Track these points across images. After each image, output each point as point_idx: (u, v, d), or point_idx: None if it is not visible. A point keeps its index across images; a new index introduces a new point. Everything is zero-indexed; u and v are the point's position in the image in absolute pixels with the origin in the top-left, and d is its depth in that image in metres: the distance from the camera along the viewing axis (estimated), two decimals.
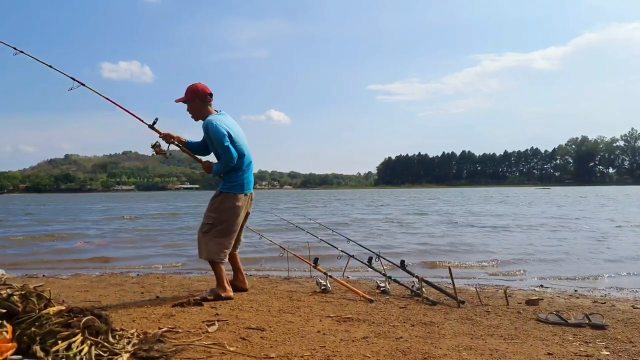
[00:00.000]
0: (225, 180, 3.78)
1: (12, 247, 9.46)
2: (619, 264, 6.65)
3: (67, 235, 11.70)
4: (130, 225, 15.25)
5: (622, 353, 2.44)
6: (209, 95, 3.79)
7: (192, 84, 3.80)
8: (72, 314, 2.17)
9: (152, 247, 9.25)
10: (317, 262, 4.40)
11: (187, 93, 3.78)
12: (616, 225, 12.43)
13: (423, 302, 3.70)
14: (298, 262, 4.90)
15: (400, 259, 4.47)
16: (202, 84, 3.80)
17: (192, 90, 3.77)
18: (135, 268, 6.52)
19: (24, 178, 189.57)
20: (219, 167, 3.74)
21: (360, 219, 16.14)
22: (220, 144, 3.61)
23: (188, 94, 3.77)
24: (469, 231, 11.46)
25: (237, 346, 2.42)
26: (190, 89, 3.78)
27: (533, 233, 10.86)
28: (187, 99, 3.78)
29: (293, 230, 9.19)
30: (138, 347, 2.17)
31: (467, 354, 2.37)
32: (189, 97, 3.77)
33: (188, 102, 3.79)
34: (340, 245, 4.95)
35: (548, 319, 3.13)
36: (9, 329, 1.99)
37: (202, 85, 3.79)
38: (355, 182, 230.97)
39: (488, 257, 7.27)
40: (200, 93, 3.76)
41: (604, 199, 31.70)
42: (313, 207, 28.51)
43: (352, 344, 2.50)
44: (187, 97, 3.77)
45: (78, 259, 7.69)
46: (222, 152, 3.64)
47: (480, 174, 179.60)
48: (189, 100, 3.77)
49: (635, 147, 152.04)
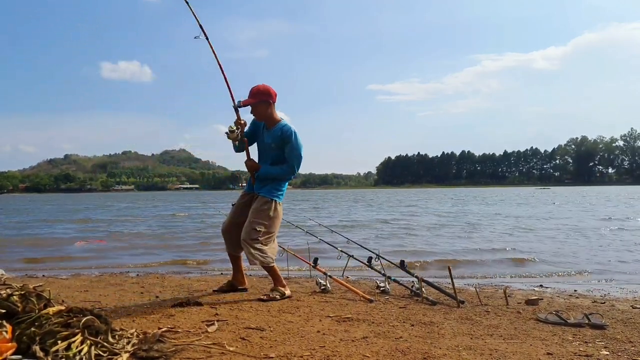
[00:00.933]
0: (274, 189, 3.81)
1: (15, 247, 9.47)
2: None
3: (68, 236, 11.70)
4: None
5: (621, 353, 2.44)
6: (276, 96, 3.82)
7: (260, 85, 3.76)
8: (72, 314, 2.17)
9: (152, 247, 9.25)
10: (317, 262, 4.40)
11: (258, 94, 3.72)
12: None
13: (423, 302, 3.70)
14: (298, 261, 4.90)
15: (400, 259, 4.47)
16: (268, 86, 3.79)
17: (264, 91, 3.73)
18: (134, 268, 6.52)
19: (24, 178, 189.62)
20: (281, 173, 3.81)
21: (433, 226, 13.49)
22: (299, 155, 3.76)
23: (259, 95, 3.72)
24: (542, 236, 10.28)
25: (236, 346, 2.41)
26: (262, 90, 3.73)
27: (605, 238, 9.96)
28: (258, 100, 3.72)
29: (293, 230, 9.19)
30: (138, 347, 2.17)
31: (467, 354, 2.37)
32: (262, 98, 3.72)
33: (259, 103, 3.73)
34: (340, 245, 4.95)
35: (548, 318, 3.13)
36: (9, 329, 1.99)
37: (270, 87, 3.79)
38: (355, 182, 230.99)
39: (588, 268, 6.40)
40: (272, 94, 3.75)
41: (630, 199, 30.68)
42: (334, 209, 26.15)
43: (351, 344, 2.50)
44: (260, 98, 3.72)
45: (78, 258, 7.70)
46: (297, 162, 3.76)
47: (480, 174, 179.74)
48: (261, 102, 3.72)
49: (635, 147, 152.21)
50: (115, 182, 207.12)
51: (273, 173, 3.81)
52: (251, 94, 3.76)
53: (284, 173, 3.81)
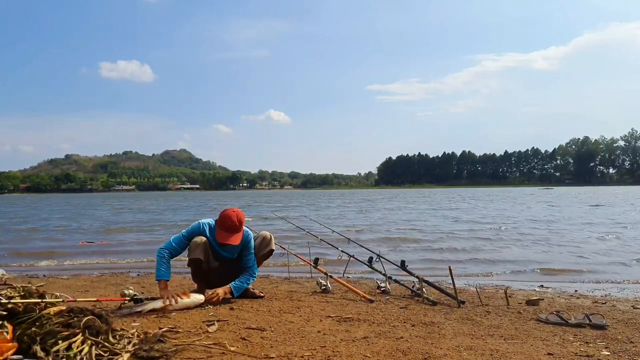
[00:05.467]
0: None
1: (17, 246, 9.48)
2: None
3: (69, 236, 11.70)
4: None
5: (622, 353, 2.44)
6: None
7: (241, 217, 3.54)
8: (73, 313, 2.17)
9: (153, 247, 9.24)
10: (318, 262, 4.40)
11: (242, 227, 3.58)
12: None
13: (423, 302, 3.70)
14: (299, 261, 4.89)
15: (401, 259, 4.47)
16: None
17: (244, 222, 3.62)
18: (135, 268, 6.52)
19: (25, 178, 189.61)
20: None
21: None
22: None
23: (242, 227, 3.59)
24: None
25: (237, 346, 2.41)
26: (243, 221, 3.59)
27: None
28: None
29: (293, 230, 9.18)
30: (138, 347, 2.17)
31: (468, 354, 2.37)
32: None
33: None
34: (340, 245, 4.95)
35: (548, 319, 3.12)
36: (10, 329, 1.99)
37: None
38: (356, 182, 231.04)
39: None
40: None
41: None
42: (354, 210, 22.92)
43: (352, 344, 2.50)
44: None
45: (78, 257, 7.70)
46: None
47: (481, 174, 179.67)
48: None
49: (636, 147, 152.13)
50: (116, 182, 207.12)
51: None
52: (239, 226, 3.53)
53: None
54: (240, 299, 3.73)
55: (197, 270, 3.62)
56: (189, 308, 3.29)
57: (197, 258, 3.50)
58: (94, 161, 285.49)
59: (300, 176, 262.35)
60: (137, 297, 3.31)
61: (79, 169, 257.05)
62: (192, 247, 3.52)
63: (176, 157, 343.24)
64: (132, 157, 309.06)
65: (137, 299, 3.30)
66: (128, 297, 3.33)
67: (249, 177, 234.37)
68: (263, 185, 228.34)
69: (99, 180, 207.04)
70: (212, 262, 3.64)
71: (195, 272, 3.68)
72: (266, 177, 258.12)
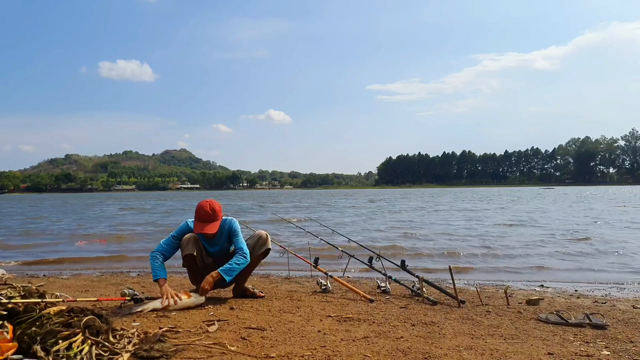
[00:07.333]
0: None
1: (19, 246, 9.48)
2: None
3: (70, 235, 11.70)
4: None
5: (622, 353, 2.44)
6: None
7: (214, 206, 3.53)
8: (73, 313, 2.17)
9: (153, 247, 9.24)
10: (318, 262, 4.40)
11: (217, 215, 3.53)
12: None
13: (423, 302, 3.70)
14: (299, 261, 4.90)
15: (401, 259, 4.47)
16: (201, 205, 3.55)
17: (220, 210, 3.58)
18: (135, 268, 6.52)
19: (25, 178, 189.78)
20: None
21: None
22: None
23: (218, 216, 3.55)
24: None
25: (237, 346, 2.41)
26: (218, 210, 3.55)
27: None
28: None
29: (293, 230, 9.20)
30: (139, 347, 2.18)
31: (468, 354, 2.37)
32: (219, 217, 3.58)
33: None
34: (340, 245, 4.95)
35: (548, 318, 3.12)
36: (10, 329, 1.99)
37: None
38: (356, 182, 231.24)
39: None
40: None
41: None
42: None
43: (352, 344, 2.50)
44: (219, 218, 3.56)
45: (78, 257, 7.70)
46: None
47: (481, 173, 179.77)
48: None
49: (636, 147, 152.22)
50: (116, 182, 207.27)
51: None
52: (215, 216, 3.50)
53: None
54: (240, 298, 3.73)
55: (193, 267, 3.62)
56: (189, 308, 3.29)
57: (189, 254, 3.52)
58: (94, 161, 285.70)
59: (300, 176, 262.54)
60: (137, 297, 3.32)
61: (79, 168, 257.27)
62: (183, 244, 3.54)
63: (176, 157, 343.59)
64: (132, 157, 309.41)
65: (137, 299, 3.31)
66: (128, 297, 3.33)
67: (249, 177, 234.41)
68: (263, 185, 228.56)
69: (99, 180, 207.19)
70: (205, 258, 3.66)
71: (191, 271, 3.68)
72: (266, 177, 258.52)
